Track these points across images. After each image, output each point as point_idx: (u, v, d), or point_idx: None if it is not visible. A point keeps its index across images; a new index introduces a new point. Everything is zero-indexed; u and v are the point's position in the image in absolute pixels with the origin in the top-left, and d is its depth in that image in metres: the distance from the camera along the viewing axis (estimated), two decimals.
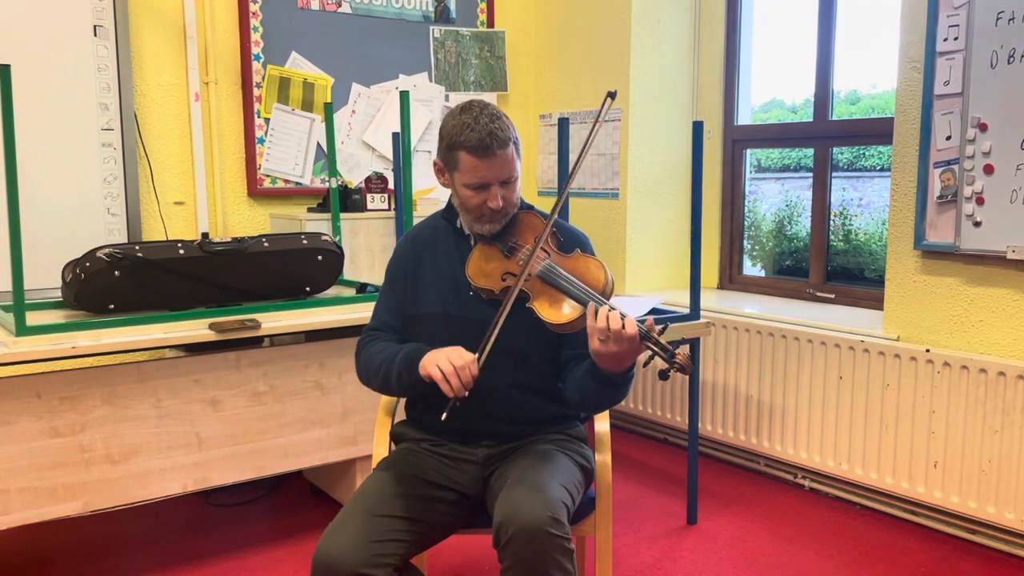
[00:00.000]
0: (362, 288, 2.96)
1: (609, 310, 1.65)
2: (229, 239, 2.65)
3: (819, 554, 2.73)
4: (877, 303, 3.20)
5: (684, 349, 1.67)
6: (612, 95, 1.86)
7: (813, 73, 3.51)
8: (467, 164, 1.80)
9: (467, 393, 1.73)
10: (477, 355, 1.75)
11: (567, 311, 1.74)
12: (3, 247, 2.48)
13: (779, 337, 3.23)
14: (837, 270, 3.58)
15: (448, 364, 1.72)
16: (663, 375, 1.64)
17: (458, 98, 4.15)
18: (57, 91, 3.20)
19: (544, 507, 1.63)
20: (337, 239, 3.24)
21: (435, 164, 1.90)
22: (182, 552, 2.77)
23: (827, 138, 3.50)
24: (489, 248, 1.90)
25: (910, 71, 2.86)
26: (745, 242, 3.94)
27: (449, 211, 1.98)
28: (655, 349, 1.64)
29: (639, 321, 1.64)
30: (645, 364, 1.69)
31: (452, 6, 4.10)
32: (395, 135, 3.66)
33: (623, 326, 1.62)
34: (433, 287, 1.93)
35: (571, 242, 1.93)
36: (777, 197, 3.85)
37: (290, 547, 2.79)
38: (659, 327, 1.66)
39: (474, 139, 1.77)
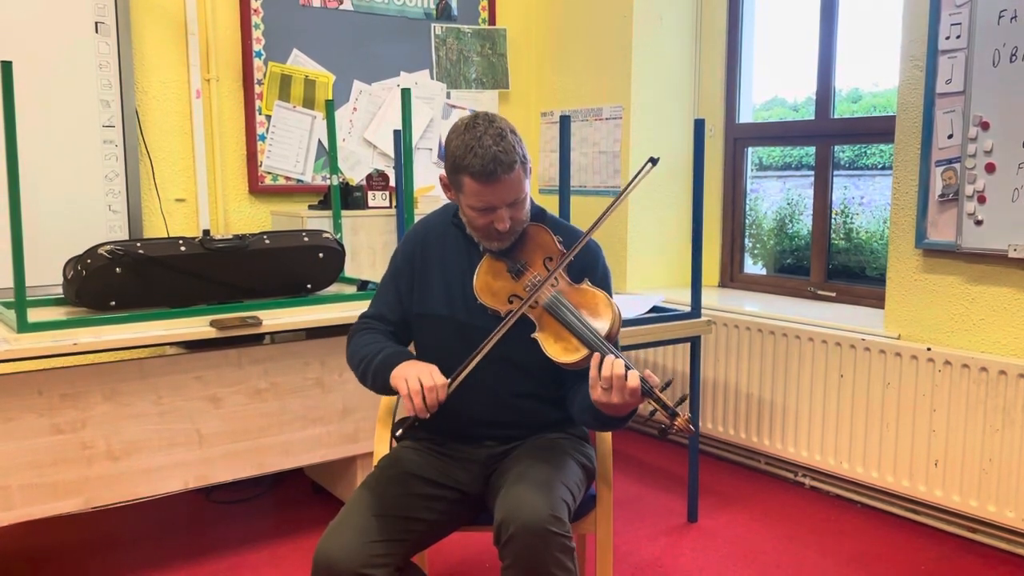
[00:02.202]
0: (363, 286, 2.96)
1: (614, 359, 1.63)
2: (230, 236, 2.65)
3: (819, 552, 2.73)
4: (878, 301, 3.20)
5: (686, 410, 1.65)
6: (654, 161, 1.82)
7: (815, 71, 3.51)
8: (471, 189, 1.75)
9: (428, 415, 1.70)
10: (450, 380, 1.72)
11: (572, 352, 1.72)
12: (5, 244, 2.49)
13: (780, 335, 3.23)
14: (838, 268, 3.58)
15: (416, 382, 1.68)
16: (662, 434, 1.64)
17: (459, 96, 4.15)
18: (58, 88, 3.20)
19: (545, 505, 1.63)
20: (338, 236, 3.24)
21: (441, 179, 1.86)
22: (183, 549, 2.78)
23: (828, 136, 3.50)
24: (497, 263, 1.86)
25: (912, 69, 2.85)
26: (746, 240, 3.94)
27: (459, 216, 1.93)
28: (656, 407, 1.64)
29: (642, 378, 1.62)
30: (646, 420, 1.69)
31: (453, 3, 4.09)
32: (396, 132, 3.66)
33: (626, 381, 1.60)
34: (441, 289, 1.90)
35: (581, 259, 1.88)
36: (778, 195, 3.85)
37: (291, 544, 2.80)
38: (662, 384, 1.64)
39: (477, 165, 1.71)
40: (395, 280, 1.97)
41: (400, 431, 1.76)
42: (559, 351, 1.73)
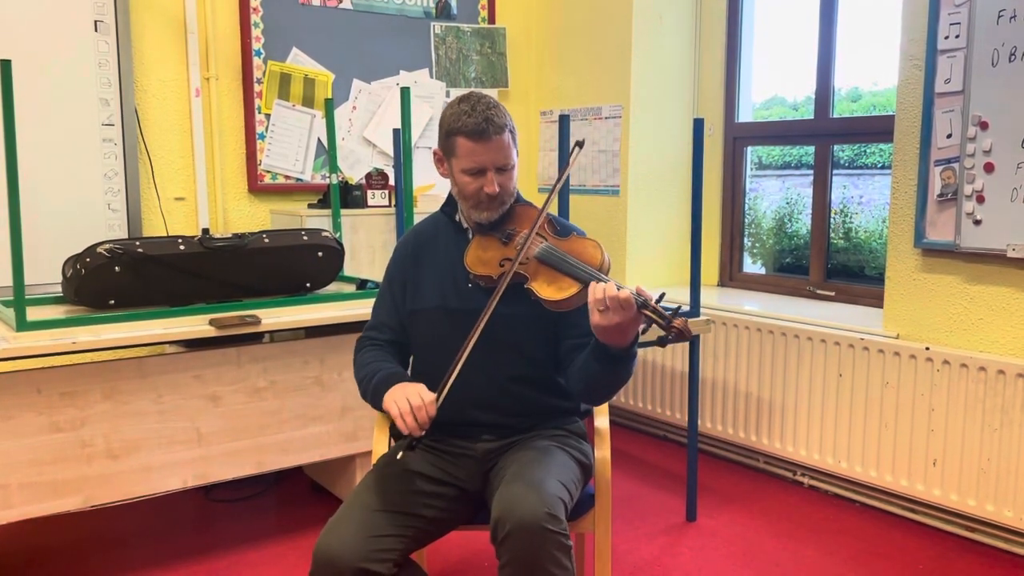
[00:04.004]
0: (362, 284, 2.97)
1: (607, 282, 1.66)
2: (230, 235, 2.65)
3: (818, 551, 2.73)
4: (877, 301, 3.20)
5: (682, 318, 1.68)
6: (580, 144, 1.90)
7: (814, 70, 3.51)
8: (464, 149, 1.83)
9: (423, 433, 1.74)
10: (436, 394, 1.76)
11: (566, 289, 1.76)
12: (4, 242, 2.49)
13: (779, 334, 3.23)
14: (837, 268, 3.58)
15: (405, 403, 1.73)
16: (662, 342, 1.66)
17: (459, 95, 4.15)
18: (58, 87, 3.20)
19: (541, 503, 1.63)
20: (337, 235, 3.24)
21: (435, 153, 1.94)
22: (183, 547, 2.78)
23: (828, 136, 3.50)
24: (487, 238, 1.92)
25: (911, 69, 2.85)
26: (745, 239, 3.94)
27: (448, 204, 2.01)
28: (653, 316, 1.65)
29: (635, 291, 1.65)
30: (643, 331, 1.70)
31: (453, 2, 4.09)
32: (396, 131, 3.66)
33: (619, 294, 1.63)
34: (433, 282, 1.94)
35: (567, 229, 1.95)
36: (778, 194, 3.85)
37: (290, 542, 2.80)
38: (655, 295, 1.67)
39: (471, 124, 1.81)
40: (390, 286, 2.02)
41: (401, 453, 1.79)
42: (553, 291, 1.77)
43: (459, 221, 1.98)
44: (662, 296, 1.68)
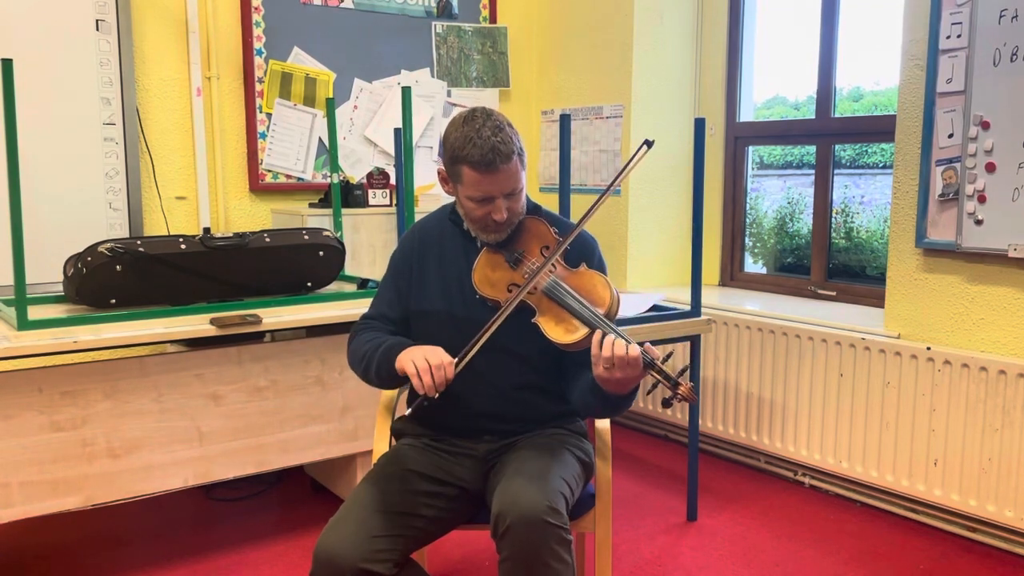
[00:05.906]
0: (363, 284, 2.97)
1: (615, 338, 1.65)
2: (231, 234, 2.65)
3: (818, 551, 2.73)
4: (878, 301, 3.20)
5: (687, 379, 1.68)
6: (649, 144, 1.82)
7: (816, 70, 3.50)
8: (470, 179, 1.79)
9: (437, 395, 1.73)
10: (457, 360, 1.76)
11: (573, 332, 1.74)
12: (5, 241, 2.49)
13: (780, 334, 3.23)
14: (838, 267, 3.58)
15: (424, 361, 1.73)
16: (666, 403, 1.66)
17: (460, 94, 4.15)
18: (59, 86, 3.20)
19: (542, 497, 1.63)
20: (339, 235, 3.24)
21: (439, 173, 1.90)
22: (183, 546, 2.78)
23: (829, 135, 3.50)
24: (495, 255, 1.89)
25: (913, 68, 2.85)
26: (747, 239, 3.94)
27: (456, 213, 1.97)
28: (659, 378, 1.66)
29: (643, 350, 1.64)
30: (649, 391, 1.71)
31: (454, 2, 4.09)
32: (397, 131, 3.66)
33: (627, 354, 1.62)
34: (439, 285, 1.93)
35: (578, 251, 1.91)
36: (779, 194, 3.85)
37: (291, 541, 2.80)
38: (663, 355, 1.66)
39: (476, 155, 1.75)
40: (395, 279, 1.99)
41: (410, 410, 1.79)
42: (560, 333, 1.76)
43: (467, 230, 1.94)
44: (669, 356, 1.68)
